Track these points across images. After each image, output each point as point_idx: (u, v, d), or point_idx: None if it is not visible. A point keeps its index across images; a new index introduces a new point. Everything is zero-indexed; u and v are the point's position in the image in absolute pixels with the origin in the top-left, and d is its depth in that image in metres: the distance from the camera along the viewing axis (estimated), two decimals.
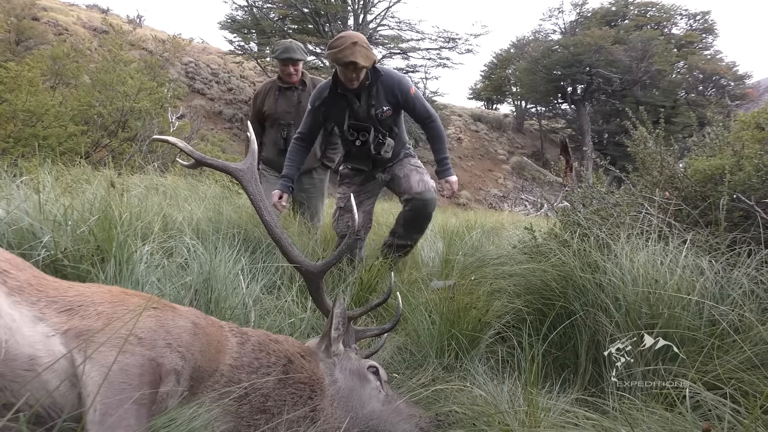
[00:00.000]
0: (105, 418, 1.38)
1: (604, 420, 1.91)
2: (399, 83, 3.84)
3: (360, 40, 3.56)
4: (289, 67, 5.05)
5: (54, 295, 1.59)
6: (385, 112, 3.84)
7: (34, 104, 8.35)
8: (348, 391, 2.06)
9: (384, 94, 3.83)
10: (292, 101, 5.16)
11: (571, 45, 33.91)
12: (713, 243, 2.98)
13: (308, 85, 5.20)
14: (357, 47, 3.51)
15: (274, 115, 5.15)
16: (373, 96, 3.82)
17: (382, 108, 3.83)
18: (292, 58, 5.00)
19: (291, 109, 5.13)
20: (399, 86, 3.83)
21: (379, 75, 3.79)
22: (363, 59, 3.52)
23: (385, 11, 27.71)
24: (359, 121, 3.88)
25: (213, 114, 24.25)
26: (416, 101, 3.91)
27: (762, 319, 2.34)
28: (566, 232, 3.60)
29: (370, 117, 3.86)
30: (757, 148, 3.30)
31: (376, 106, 3.83)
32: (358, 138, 3.90)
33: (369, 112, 3.85)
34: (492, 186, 29.93)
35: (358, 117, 3.89)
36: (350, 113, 3.89)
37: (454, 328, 2.77)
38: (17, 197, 2.82)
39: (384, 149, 3.93)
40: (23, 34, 18.44)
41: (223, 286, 2.67)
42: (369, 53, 3.59)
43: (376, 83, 3.79)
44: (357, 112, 3.88)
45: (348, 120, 3.90)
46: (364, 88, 3.78)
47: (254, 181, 2.34)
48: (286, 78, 5.11)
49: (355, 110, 3.88)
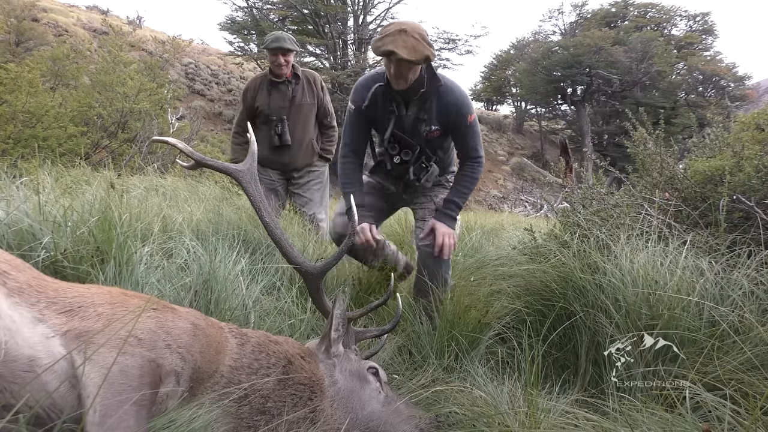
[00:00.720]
0: (105, 420, 1.38)
1: (604, 421, 1.91)
2: (459, 103, 3.08)
3: (411, 29, 2.79)
4: (279, 57, 4.84)
5: (54, 296, 1.59)
6: (433, 131, 3.12)
7: (34, 105, 8.35)
8: (348, 392, 2.06)
9: (438, 109, 3.09)
10: (286, 96, 4.98)
11: (570, 46, 33.97)
12: (713, 244, 2.98)
13: (301, 78, 5.04)
14: (403, 36, 2.76)
15: (267, 111, 4.96)
16: (426, 109, 3.09)
17: (431, 126, 3.11)
18: (282, 47, 4.79)
19: (285, 103, 4.97)
20: (457, 106, 3.07)
21: (438, 85, 3.05)
22: (407, 51, 2.73)
23: (385, 12, 27.78)
24: (404, 134, 3.18)
25: (213, 115, 24.28)
26: (469, 131, 3.15)
27: (762, 320, 2.35)
28: (566, 233, 3.60)
29: (417, 133, 3.15)
30: (757, 149, 3.30)
31: (427, 122, 3.10)
32: (399, 154, 3.18)
33: (416, 126, 3.14)
34: (492, 187, 29.93)
35: (403, 129, 3.17)
36: (395, 121, 3.15)
37: (454, 329, 2.77)
38: (17, 198, 2.82)
39: (425, 176, 3.23)
40: (23, 35, 18.47)
41: (223, 287, 2.66)
42: (419, 46, 2.76)
43: (432, 94, 3.06)
44: (402, 123, 3.16)
45: (392, 128, 3.15)
46: (417, 96, 3.04)
47: (254, 182, 2.32)
48: (277, 69, 4.90)
49: (401, 119, 3.14)
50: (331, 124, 5.29)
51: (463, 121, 3.10)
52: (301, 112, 5.03)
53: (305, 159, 5.11)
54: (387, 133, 3.15)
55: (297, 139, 5.01)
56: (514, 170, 32.48)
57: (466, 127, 3.13)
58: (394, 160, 3.20)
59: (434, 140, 3.20)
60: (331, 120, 5.29)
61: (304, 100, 5.03)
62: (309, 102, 5.05)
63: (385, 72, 3.03)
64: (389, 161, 3.22)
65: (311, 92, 5.07)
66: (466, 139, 3.17)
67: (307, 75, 5.12)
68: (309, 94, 5.06)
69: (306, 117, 5.06)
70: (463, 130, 3.14)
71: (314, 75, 5.21)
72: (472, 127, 3.16)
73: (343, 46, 27.39)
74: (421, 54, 2.77)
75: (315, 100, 5.08)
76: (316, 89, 5.09)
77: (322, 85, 5.19)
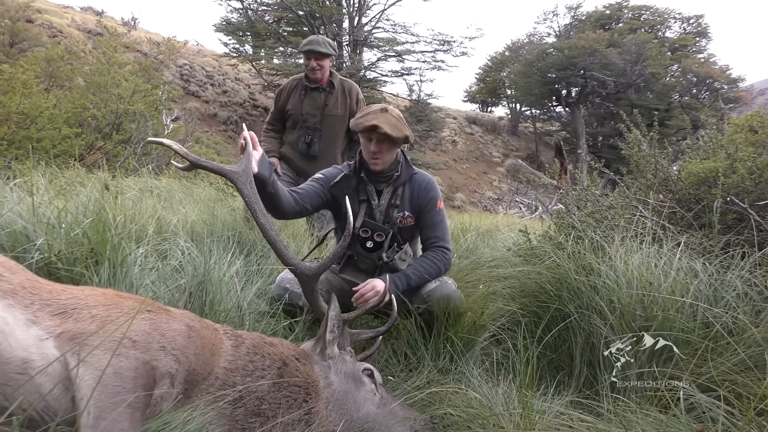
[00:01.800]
0: (99, 422, 1.38)
1: (599, 422, 1.91)
2: (431, 189, 3.04)
3: (391, 110, 2.89)
4: (312, 61, 4.62)
5: (47, 298, 1.59)
6: (406, 218, 3.01)
7: (28, 106, 8.31)
8: (343, 394, 2.06)
9: (410, 195, 3.03)
10: (318, 103, 4.75)
11: (565, 48, 34.07)
12: (707, 245, 2.99)
13: (336, 88, 4.79)
14: (385, 114, 2.83)
15: (297, 115, 4.75)
16: (398, 195, 3.03)
17: (404, 212, 3.01)
18: (314, 50, 4.57)
19: (316, 111, 4.74)
20: (428, 192, 3.02)
21: (412, 173, 3.05)
22: (390, 127, 2.77)
23: (380, 14, 27.78)
24: (375, 220, 3.04)
25: (208, 116, 24.20)
26: (437, 218, 3.03)
27: (756, 322, 2.36)
28: (561, 235, 3.62)
29: (390, 219, 3.02)
30: (751, 150, 3.32)
31: (399, 208, 3.01)
32: (371, 238, 2.98)
33: (389, 213, 3.03)
34: (486, 188, 29.96)
35: (373, 216, 3.05)
36: (366, 209, 3.05)
37: (449, 331, 2.77)
38: (11, 200, 2.80)
39: (400, 257, 2.99)
40: (17, 36, 18.35)
41: (218, 288, 2.66)
42: (399, 125, 2.83)
43: (406, 182, 3.03)
44: (373, 210, 3.06)
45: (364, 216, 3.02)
46: (390, 182, 3.02)
47: (249, 183, 2.30)
48: (310, 74, 4.69)
49: (373, 207, 3.05)
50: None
51: (433, 206, 3.01)
52: (331, 123, 4.79)
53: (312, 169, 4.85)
54: (359, 221, 2.99)
55: (325, 151, 4.78)
56: (509, 172, 32.51)
57: (435, 213, 3.02)
58: (366, 245, 2.97)
59: (406, 229, 3.04)
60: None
61: (336, 111, 4.79)
62: (340, 114, 4.79)
63: (354, 161, 3.05)
64: (360, 248, 2.99)
65: (344, 104, 4.82)
66: (435, 227, 3.02)
67: (345, 85, 4.88)
68: (342, 105, 4.81)
69: (336, 129, 4.82)
70: (433, 217, 3.01)
71: (352, 86, 4.94)
72: (441, 214, 3.05)
73: (338, 47, 27.41)
74: (402, 132, 2.82)
75: (347, 113, 4.78)
76: (350, 101, 4.83)
77: (359, 98, 4.90)
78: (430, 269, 2.90)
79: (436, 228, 3.01)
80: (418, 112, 28.62)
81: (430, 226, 3.02)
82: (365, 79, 25.97)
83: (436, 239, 3.00)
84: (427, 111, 29.34)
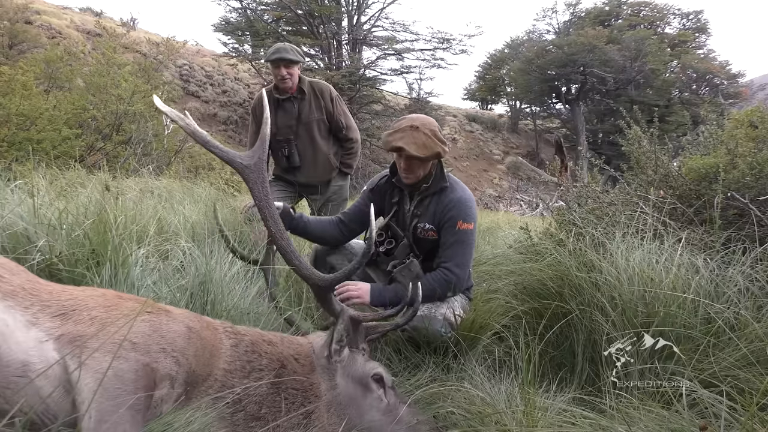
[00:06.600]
0: (100, 425, 1.37)
1: (601, 419, 1.91)
2: (452, 206, 2.88)
3: (422, 125, 2.77)
4: (281, 70, 4.48)
5: (47, 299, 1.58)
6: (427, 230, 2.92)
7: (28, 108, 8.30)
8: (347, 398, 2.01)
9: (433, 210, 2.92)
10: (292, 114, 4.64)
11: (565, 45, 34.02)
12: (708, 241, 2.99)
13: (307, 93, 4.66)
14: (414, 132, 2.74)
15: (274, 131, 4.60)
16: (423, 205, 2.96)
17: (425, 224, 2.93)
18: (283, 58, 4.43)
19: (292, 122, 4.64)
20: (449, 210, 2.87)
21: (442, 185, 2.93)
22: (416, 148, 2.70)
23: (379, 12, 27.79)
24: (398, 226, 3.05)
25: (208, 116, 24.19)
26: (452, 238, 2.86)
27: (757, 317, 2.35)
28: (562, 232, 3.61)
29: (411, 227, 2.99)
30: (751, 146, 3.32)
31: (421, 218, 2.95)
32: (385, 243, 3.04)
33: (411, 221, 2.99)
34: (487, 186, 29.95)
35: (398, 222, 3.06)
36: (395, 213, 3.06)
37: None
38: (11, 201, 2.81)
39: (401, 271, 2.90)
40: (16, 37, 18.33)
41: (219, 288, 2.65)
42: (429, 142, 2.73)
43: (435, 194, 2.94)
44: (399, 216, 3.06)
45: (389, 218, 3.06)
46: (418, 192, 2.97)
47: (261, 181, 2.05)
48: (281, 84, 4.56)
49: (402, 212, 3.04)
50: (348, 136, 4.91)
51: (452, 225, 2.85)
52: (309, 129, 4.71)
53: (322, 176, 4.87)
54: (383, 222, 3.04)
55: (308, 158, 4.74)
56: (510, 169, 32.49)
57: (452, 232, 2.85)
58: (380, 249, 3.07)
59: (427, 241, 2.95)
60: (348, 132, 4.90)
61: (312, 117, 4.69)
62: (317, 117, 4.71)
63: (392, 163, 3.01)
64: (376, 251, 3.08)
65: (318, 107, 4.71)
66: (448, 247, 2.86)
67: (315, 87, 4.75)
68: (316, 109, 4.71)
69: (313, 133, 4.73)
70: (449, 237, 2.86)
71: (322, 87, 4.81)
72: (460, 235, 2.85)
73: (337, 46, 27.37)
74: (432, 150, 2.74)
75: (323, 115, 4.73)
76: (324, 102, 4.72)
77: (332, 96, 4.78)
78: (431, 286, 2.77)
79: (448, 248, 2.86)
80: (417, 111, 28.59)
81: (444, 245, 2.88)
82: (365, 78, 25.91)
83: (444, 260, 2.85)
84: (426, 109, 29.27)
